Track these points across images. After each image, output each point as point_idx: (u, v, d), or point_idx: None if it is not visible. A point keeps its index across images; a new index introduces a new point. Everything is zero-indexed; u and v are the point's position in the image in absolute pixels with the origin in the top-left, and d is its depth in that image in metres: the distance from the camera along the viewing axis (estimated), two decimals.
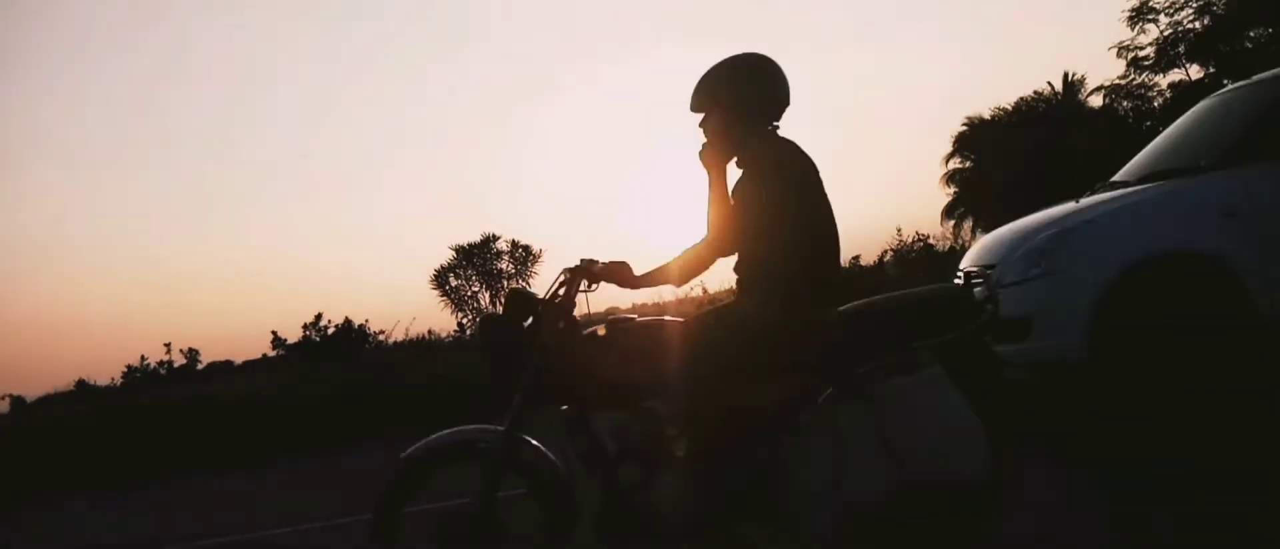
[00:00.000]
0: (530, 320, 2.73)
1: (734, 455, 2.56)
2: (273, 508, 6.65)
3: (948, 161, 30.80)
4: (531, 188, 71.31)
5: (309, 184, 72.24)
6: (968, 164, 30.39)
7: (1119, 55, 23.13)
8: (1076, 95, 27.41)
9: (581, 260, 2.84)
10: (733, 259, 2.77)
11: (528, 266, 17.04)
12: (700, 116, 2.77)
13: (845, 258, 12.39)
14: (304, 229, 63.78)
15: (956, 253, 13.18)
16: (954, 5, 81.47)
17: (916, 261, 12.41)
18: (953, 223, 30.72)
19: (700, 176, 2.76)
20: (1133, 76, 23.13)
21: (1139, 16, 22.04)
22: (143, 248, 60.00)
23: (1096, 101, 25.67)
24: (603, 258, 2.86)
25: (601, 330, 2.73)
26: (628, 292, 2.96)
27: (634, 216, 53.93)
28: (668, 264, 2.87)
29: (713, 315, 2.70)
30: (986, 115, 29.45)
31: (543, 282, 17.75)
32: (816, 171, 2.66)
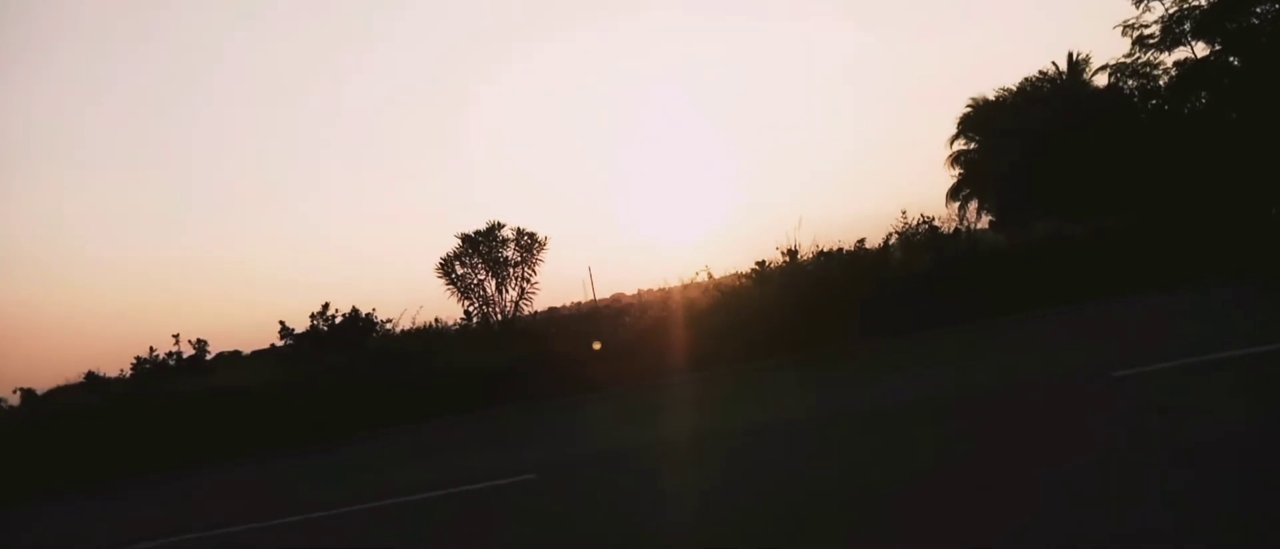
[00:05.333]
0: None
1: None
2: (275, 500, 6.72)
3: (952, 143, 30.65)
4: (531, 174, 71.29)
5: (315, 174, 72.45)
6: (973, 145, 30.21)
7: (1124, 34, 22.80)
8: (1081, 75, 27.19)
9: None
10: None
11: (533, 254, 17.01)
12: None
13: (850, 240, 12.40)
14: (311, 218, 64.01)
15: (961, 235, 13.13)
16: None
17: (922, 244, 12.34)
18: (958, 205, 30.63)
19: (692, 159, 2.70)
20: (1138, 55, 22.79)
21: None
22: (150, 239, 60.28)
23: (1101, 81, 25.45)
24: (606, 242, 2.81)
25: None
26: (634, 276, 2.96)
27: (631, 199, 54.07)
28: None
29: None
30: (991, 96, 29.28)
31: (548, 269, 17.78)
32: None
